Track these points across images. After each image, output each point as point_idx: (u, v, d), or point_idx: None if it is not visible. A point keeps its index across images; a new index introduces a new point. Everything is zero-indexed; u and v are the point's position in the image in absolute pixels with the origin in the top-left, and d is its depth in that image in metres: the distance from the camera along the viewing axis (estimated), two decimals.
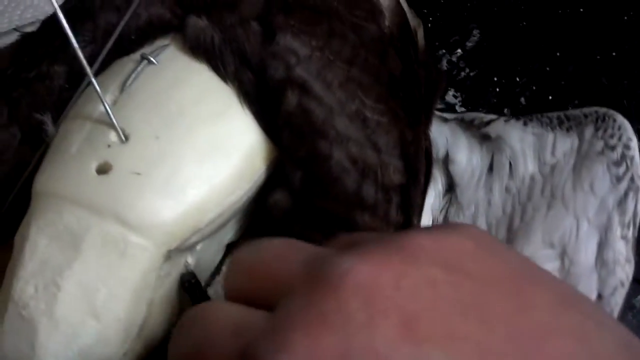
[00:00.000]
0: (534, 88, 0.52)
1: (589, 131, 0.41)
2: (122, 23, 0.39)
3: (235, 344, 0.23)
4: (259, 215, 0.40)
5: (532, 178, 0.42)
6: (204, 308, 0.26)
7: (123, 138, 0.36)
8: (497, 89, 0.52)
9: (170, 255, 0.36)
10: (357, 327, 0.21)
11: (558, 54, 0.54)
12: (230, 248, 0.43)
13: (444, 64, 0.54)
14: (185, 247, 0.37)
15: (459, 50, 0.53)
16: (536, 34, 0.56)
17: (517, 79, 0.52)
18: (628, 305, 0.51)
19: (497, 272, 0.23)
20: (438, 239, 0.24)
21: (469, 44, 0.53)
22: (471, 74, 0.52)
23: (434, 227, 0.26)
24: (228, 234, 0.41)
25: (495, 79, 0.53)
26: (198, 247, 0.39)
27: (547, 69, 0.53)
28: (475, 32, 0.54)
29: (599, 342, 0.22)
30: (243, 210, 0.40)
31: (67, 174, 0.36)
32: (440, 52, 0.55)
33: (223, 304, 0.26)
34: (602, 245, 0.40)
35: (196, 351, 0.24)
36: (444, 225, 0.27)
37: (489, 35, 0.55)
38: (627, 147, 0.40)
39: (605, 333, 0.22)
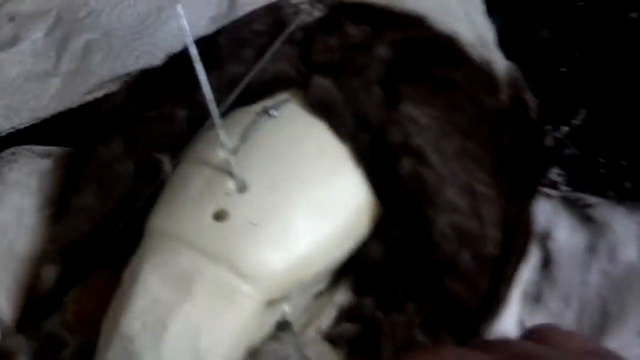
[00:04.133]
0: None
1: None
2: (250, 76, 0.40)
3: None
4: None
5: (632, 266, 0.41)
6: None
7: (242, 187, 0.37)
8: (602, 170, 0.51)
9: (272, 303, 0.36)
10: None
11: None
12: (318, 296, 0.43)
13: (550, 140, 0.53)
14: (285, 296, 0.38)
15: (566, 128, 0.52)
16: None
17: (623, 162, 0.51)
18: None
19: None
20: None
21: (574, 122, 0.52)
22: (577, 153, 0.51)
23: None
24: (320, 284, 0.42)
25: (602, 160, 0.51)
26: (293, 294, 0.39)
27: None
28: (582, 110, 0.53)
29: None
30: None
31: (185, 216, 0.37)
32: (546, 128, 0.53)
33: None
34: None
35: None
36: None
37: (596, 115, 0.54)
38: None
39: None
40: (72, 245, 0.43)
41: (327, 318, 0.40)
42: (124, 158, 0.43)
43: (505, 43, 0.51)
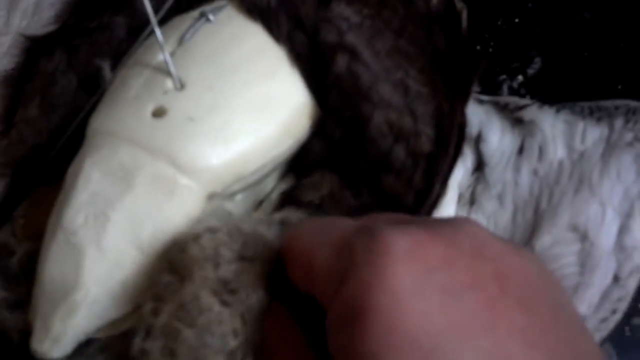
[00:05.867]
0: None
1: (619, 122, 0.43)
2: None
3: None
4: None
5: (561, 163, 0.43)
6: None
7: (179, 86, 0.38)
8: None
9: (212, 198, 0.38)
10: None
11: (619, 86, 0.54)
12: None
13: (505, 90, 0.54)
14: (227, 194, 0.39)
15: (520, 77, 0.54)
16: (598, 65, 0.56)
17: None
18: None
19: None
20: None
21: (530, 71, 0.54)
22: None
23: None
24: (265, 189, 0.43)
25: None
26: (238, 197, 0.41)
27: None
28: (537, 59, 0.55)
29: None
30: (281, 168, 0.42)
31: (124, 115, 0.38)
32: (501, 78, 0.55)
33: None
34: (622, 231, 0.42)
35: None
36: (510, 243, 0.29)
37: (550, 63, 0.55)
38: None
39: None
40: (19, 158, 0.43)
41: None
42: (66, 70, 0.44)
43: None
